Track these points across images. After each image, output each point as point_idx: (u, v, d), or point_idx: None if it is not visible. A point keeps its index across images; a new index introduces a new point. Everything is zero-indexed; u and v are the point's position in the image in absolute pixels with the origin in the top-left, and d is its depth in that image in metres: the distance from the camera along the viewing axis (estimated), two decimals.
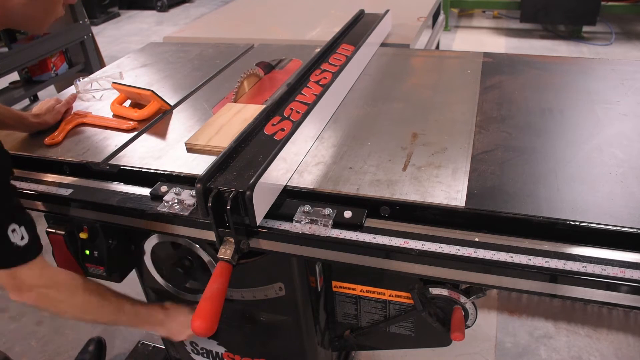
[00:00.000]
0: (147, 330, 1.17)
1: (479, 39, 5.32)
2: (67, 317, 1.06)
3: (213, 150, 1.12)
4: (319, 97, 1.17)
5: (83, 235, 1.19)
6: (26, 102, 4.36)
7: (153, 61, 1.74)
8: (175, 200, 1.00)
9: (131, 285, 1.34)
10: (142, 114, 1.31)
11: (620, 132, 1.09)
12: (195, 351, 1.47)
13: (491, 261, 0.82)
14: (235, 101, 1.35)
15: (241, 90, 1.39)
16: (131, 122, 1.29)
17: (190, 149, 1.15)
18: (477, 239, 0.86)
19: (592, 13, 4.68)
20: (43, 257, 0.99)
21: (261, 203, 0.90)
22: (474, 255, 0.83)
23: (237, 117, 1.23)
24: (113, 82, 1.43)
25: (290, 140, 1.02)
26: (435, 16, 3.07)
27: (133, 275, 1.34)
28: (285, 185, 0.99)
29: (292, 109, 1.17)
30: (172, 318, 1.21)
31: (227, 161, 0.98)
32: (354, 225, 0.91)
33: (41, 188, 1.13)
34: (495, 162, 1.01)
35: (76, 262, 1.22)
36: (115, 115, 1.34)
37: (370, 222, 0.93)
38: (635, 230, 0.81)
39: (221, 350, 1.40)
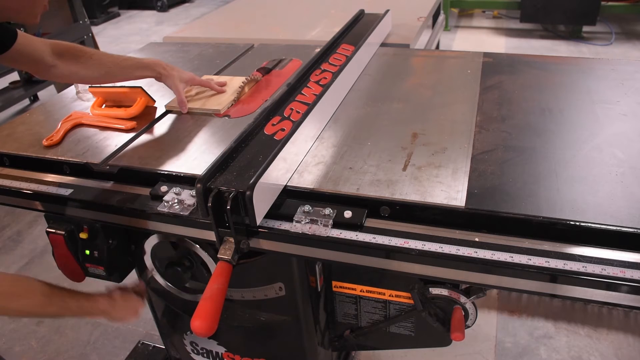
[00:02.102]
0: (91, 318, 1.21)
1: (479, 39, 5.32)
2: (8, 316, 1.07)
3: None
4: (319, 97, 1.17)
5: (83, 235, 1.19)
6: (26, 102, 4.36)
7: None
8: (175, 200, 1.00)
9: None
10: (130, 112, 1.31)
11: (620, 132, 1.09)
12: (195, 351, 1.47)
13: (491, 261, 0.82)
14: (235, 101, 1.36)
15: (242, 94, 1.40)
16: (129, 122, 1.29)
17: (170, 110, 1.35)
18: (477, 239, 0.86)
19: (592, 13, 4.68)
20: None
21: (261, 203, 0.90)
22: (474, 255, 0.83)
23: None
24: (90, 87, 1.42)
25: (290, 140, 1.01)
26: (435, 16, 3.07)
27: (133, 275, 1.34)
28: (285, 185, 0.99)
29: (292, 109, 1.17)
30: (117, 308, 1.21)
31: (227, 161, 0.98)
32: (354, 225, 0.91)
33: (41, 188, 1.13)
34: (495, 162, 1.01)
35: (76, 262, 1.23)
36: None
37: (370, 222, 0.93)
38: (635, 230, 0.81)
39: (221, 350, 1.40)
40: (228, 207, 0.87)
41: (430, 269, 0.87)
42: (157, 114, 1.34)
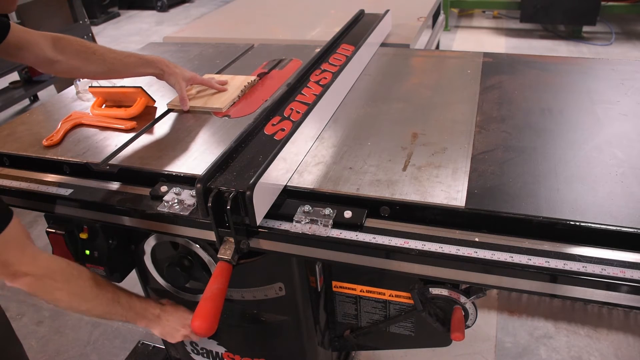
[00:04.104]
0: (141, 326, 1.15)
1: (479, 39, 5.32)
2: (62, 306, 1.02)
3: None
4: (319, 97, 1.17)
5: (83, 235, 1.19)
6: (26, 102, 4.36)
7: None
8: (175, 200, 1.00)
9: (131, 285, 1.34)
10: (130, 112, 1.31)
11: (620, 132, 1.09)
12: (195, 351, 1.47)
13: (491, 261, 0.82)
14: (237, 99, 1.38)
15: (242, 94, 1.41)
16: (129, 122, 1.29)
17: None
18: (477, 239, 0.86)
19: (592, 13, 4.68)
20: (34, 245, 0.97)
21: (261, 203, 0.90)
22: (474, 255, 0.83)
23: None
24: (90, 87, 1.42)
25: (290, 140, 1.01)
26: (435, 16, 3.07)
27: (133, 275, 1.34)
28: (285, 185, 0.99)
29: (292, 109, 1.17)
30: (168, 315, 1.17)
31: (227, 161, 0.98)
32: (354, 225, 0.91)
33: (41, 188, 1.13)
34: (495, 162, 1.01)
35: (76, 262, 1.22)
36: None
37: (370, 222, 0.93)
38: (635, 230, 0.81)
39: (221, 350, 1.40)
40: (228, 207, 0.87)
41: (430, 269, 0.87)
42: (157, 114, 1.34)
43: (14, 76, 3.98)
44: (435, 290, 1.08)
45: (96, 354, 2.06)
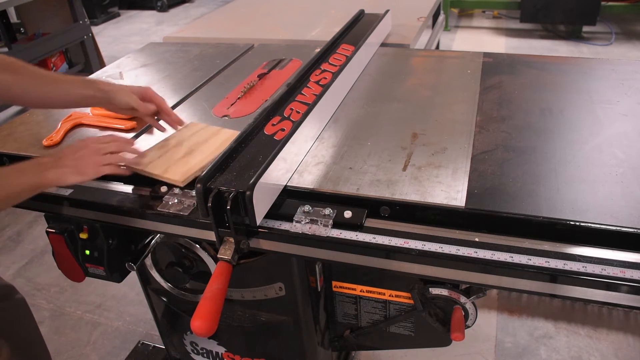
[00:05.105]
0: (53, 185, 1.01)
1: (479, 39, 5.32)
2: None
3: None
4: (319, 97, 1.17)
5: (83, 235, 1.19)
6: None
7: (153, 61, 1.74)
8: (175, 200, 1.00)
9: (131, 284, 1.34)
10: None
11: (620, 132, 1.09)
12: (195, 351, 1.47)
13: (491, 261, 0.82)
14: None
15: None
16: (129, 122, 1.29)
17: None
18: (477, 239, 0.86)
19: (592, 13, 4.68)
20: None
21: (261, 203, 0.91)
22: (474, 255, 0.83)
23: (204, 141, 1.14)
24: None
25: (290, 140, 1.02)
26: (435, 16, 3.07)
27: (133, 275, 1.34)
28: (285, 185, 0.99)
29: (292, 109, 1.17)
30: (68, 167, 0.99)
31: (227, 161, 0.98)
32: (354, 225, 0.91)
33: None
34: (495, 162, 1.01)
35: (76, 262, 1.23)
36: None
37: (370, 222, 0.93)
38: (635, 230, 0.81)
39: (221, 350, 1.40)
40: (228, 207, 0.87)
41: (430, 269, 0.87)
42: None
43: None
44: (435, 290, 1.08)
45: (96, 354, 2.06)
